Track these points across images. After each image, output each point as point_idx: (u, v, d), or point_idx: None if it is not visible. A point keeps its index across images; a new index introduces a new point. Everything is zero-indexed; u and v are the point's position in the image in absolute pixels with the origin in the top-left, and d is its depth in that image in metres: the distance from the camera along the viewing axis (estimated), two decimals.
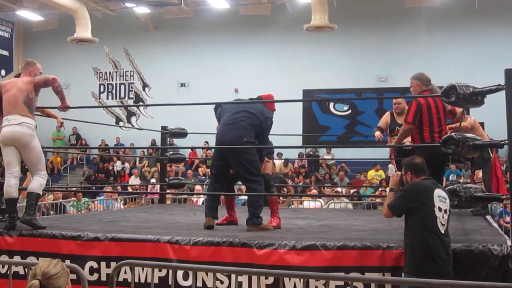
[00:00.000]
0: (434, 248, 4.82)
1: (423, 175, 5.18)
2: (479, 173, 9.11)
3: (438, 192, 5.02)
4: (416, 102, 6.54)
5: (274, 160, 21.92)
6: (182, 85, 25.62)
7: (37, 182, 6.59)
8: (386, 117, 9.36)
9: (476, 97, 5.84)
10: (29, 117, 6.50)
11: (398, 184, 5.34)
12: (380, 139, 9.27)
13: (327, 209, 12.33)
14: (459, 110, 7.45)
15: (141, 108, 26.04)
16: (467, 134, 6.21)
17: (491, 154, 8.74)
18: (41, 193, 6.90)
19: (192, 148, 23.13)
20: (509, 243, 5.30)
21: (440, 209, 4.93)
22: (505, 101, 5.50)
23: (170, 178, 11.86)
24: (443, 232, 4.90)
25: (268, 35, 24.45)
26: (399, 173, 5.43)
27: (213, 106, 7.90)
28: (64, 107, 6.99)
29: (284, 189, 14.46)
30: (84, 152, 25.31)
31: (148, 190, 17.73)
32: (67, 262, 5.39)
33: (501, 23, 22.19)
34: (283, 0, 23.40)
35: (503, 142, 5.83)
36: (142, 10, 24.48)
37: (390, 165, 20.35)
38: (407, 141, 7.73)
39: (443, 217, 4.94)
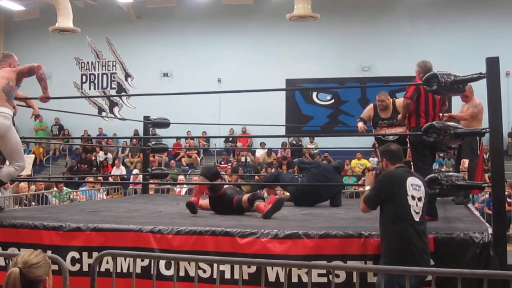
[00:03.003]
0: (408, 236, 4.80)
1: (398, 162, 5.17)
2: (465, 163, 8.94)
3: (411, 180, 5.00)
4: (414, 85, 6.92)
5: (257, 150, 22.04)
6: (165, 75, 25.53)
7: (6, 170, 6.63)
8: (369, 110, 9.35)
9: (457, 85, 5.87)
10: (6, 106, 6.43)
11: (374, 182, 5.27)
12: (364, 130, 9.27)
13: None
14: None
15: (124, 98, 25.92)
16: (449, 123, 6.25)
17: (478, 144, 8.69)
18: (5, 182, 6.96)
19: (177, 139, 23.10)
20: (490, 230, 5.33)
21: (413, 197, 4.91)
22: (486, 89, 5.53)
23: (153, 168, 11.85)
24: (417, 220, 4.87)
25: (251, 24, 24.41)
26: (374, 172, 5.43)
27: (197, 96, 8.01)
28: (45, 98, 6.94)
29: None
30: (66, 143, 25.16)
31: (131, 180, 17.69)
32: (49, 252, 5.37)
33: (483, 12, 22.27)
34: None
35: (484, 130, 5.85)
36: None
37: (371, 159, 20.52)
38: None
39: (417, 205, 4.91)
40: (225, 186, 7.77)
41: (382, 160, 5.27)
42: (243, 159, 21.70)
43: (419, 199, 4.95)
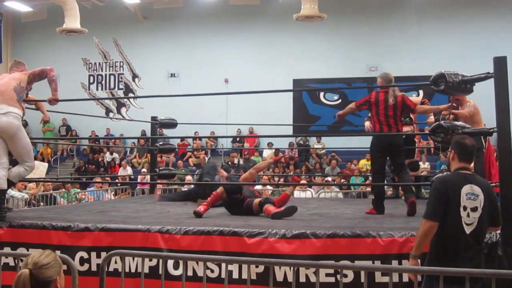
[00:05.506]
0: (451, 253, 4.46)
1: (465, 161, 4.67)
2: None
3: (467, 189, 4.50)
4: (368, 96, 7.73)
5: (265, 150, 22.05)
6: (172, 75, 25.56)
7: (16, 171, 6.68)
8: None
9: (465, 85, 5.87)
10: (16, 107, 6.49)
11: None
12: (370, 130, 9.28)
13: (318, 198, 12.36)
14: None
15: (131, 98, 25.99)
16: (457, 122, 6.24)
17: (484, 143, 8.64)
18: (15, 182, 7.12)
19: (182, 138, 23.13)
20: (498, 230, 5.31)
21: (465, 208, 4.45)
22: (493, 89, 5.52)
23: (161, 168, 11.87)
24: (468, 232, 4.44)
25: (258, 25, 24.42)
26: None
27: (204, 96, 8.06)
28: (54, 100, 6.99)
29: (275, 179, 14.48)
30: (74, 143, 25.21)
31: (139, 181, 17.72)
32: (58, 252, 5.39)
33: (491, 11, 22.22)
34: None
35: (492, 130, 5.84)
36: (131, 0, 24.36)
37: None
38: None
39: (468, 216, 4.44)
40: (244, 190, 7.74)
41: (450, 151, 4.77)
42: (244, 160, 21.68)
43: (473, 209, 4.48)
